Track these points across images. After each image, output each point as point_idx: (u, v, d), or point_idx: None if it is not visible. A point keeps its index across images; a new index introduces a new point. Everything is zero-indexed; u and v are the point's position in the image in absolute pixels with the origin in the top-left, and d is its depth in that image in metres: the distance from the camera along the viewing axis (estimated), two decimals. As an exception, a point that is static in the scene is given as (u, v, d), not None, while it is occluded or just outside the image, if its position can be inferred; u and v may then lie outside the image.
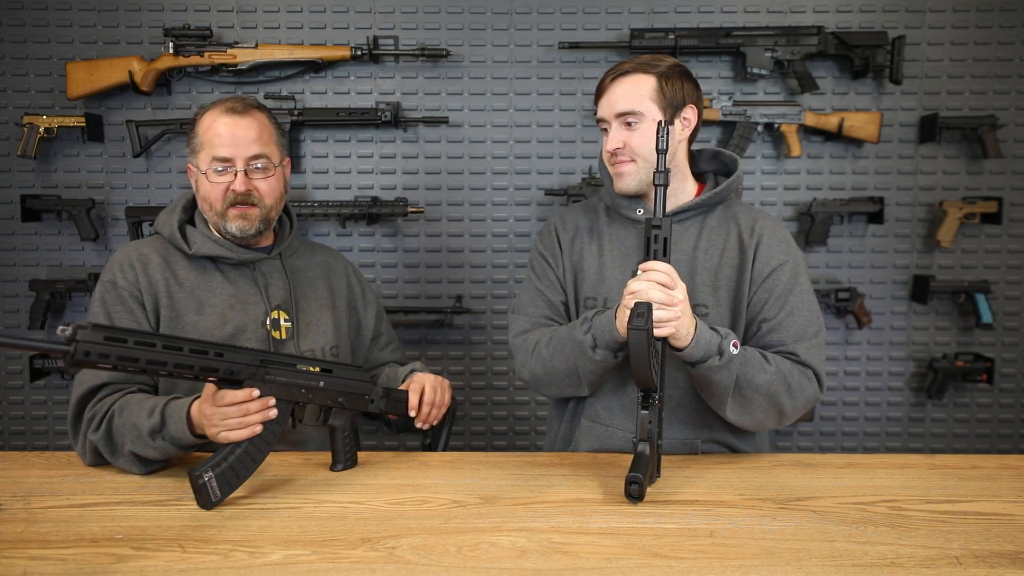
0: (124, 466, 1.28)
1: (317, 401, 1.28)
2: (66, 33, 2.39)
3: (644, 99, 1.39)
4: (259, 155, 1.43)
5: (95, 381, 1.33)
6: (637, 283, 1.21)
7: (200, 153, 1.43)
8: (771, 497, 1.21)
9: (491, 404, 2.55)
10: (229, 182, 1.41)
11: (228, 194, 1.42)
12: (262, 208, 1.45)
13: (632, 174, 1.43)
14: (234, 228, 1.43)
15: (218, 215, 1.43)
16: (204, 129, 1.43)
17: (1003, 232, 2.48)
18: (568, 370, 1.40)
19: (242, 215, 1.43)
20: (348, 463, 1.34)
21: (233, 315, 1.44)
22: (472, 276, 2.50)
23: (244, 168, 1.41)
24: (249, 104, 1.45)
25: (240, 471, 1.18)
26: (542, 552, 1.02)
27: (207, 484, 1.14)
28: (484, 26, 2.41)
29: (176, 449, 1.24)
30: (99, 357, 1.00)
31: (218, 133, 1.41)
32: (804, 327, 1.39)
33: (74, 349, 0.98)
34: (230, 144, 1.40)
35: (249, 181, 1.42)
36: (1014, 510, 1.16)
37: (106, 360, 1.01)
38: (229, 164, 1.41)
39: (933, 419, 2.55)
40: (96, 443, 1.29)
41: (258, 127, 1.43)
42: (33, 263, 2.46)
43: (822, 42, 2.35)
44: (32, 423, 2.51)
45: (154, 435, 1.22)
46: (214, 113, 1.43)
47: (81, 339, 0.98)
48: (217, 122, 1.42)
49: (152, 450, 1.24)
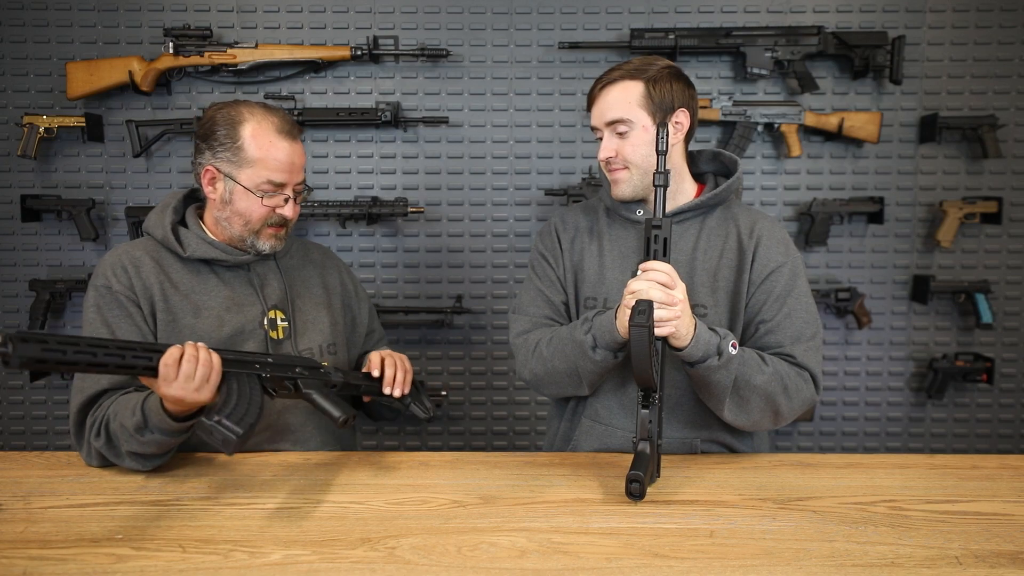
0: (130, 466, 1.29)
1: (276, 373, 1.26)
2: (66, 33, 2.39)
3: (633, 106, 1.39)
4: (303, 181, 1.45)
5: (95, 388, 1.33)
6: (637, 283, 1.22)
7: (248, 170, 1.38)
8: (771, 497, 1.21)
9: (491, 404, 2.55)
10: (276, 206, 1.41)
11: (271, 216, 1.42)
12: (289, 228, 1.48)
13: (627, 181, 1.43)
14: (267, 246, 1.44)
15: (252, 232, 1.43)
16: (258, 146, 1.38)
17: (1003, 232, 2.48)
18: (568, 370, 1.40)
19: (276, 235, 1.45)
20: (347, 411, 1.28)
21: (230, 317, 1.43)
22: (472, 276, 2.50)
23: (293, 195, 1.43)
24: (295, 125, 1.44)
25: (247, 408, 1.18)
26: (542, 552, 1.02)
27: (220, 423, 1.13)
28: (484, 26, 2.41)
29: (167, 438, 1.24)
30: (37, 363, 0.99)
31: (278, 159, 1.39)
32: (801, 329, 1.40)
33: (13, 349, 0.96)
34: (288, 171, 1.40)
35: (297, 208, 1.45)
36: (1014, 510, 1.16)
37: (44, 365, 1.00)
38: (281, 190, 1.41)
39: (933, 419, 2.55)
40: (100, 449, 1.29)
41: (304, 153, 1.45)
42: (33, 263, 2.46)
43: (822, 42, 2.35)
44: (32, 423, 2.51)
45: (141, 431, 1.23)
46: (266, 130, 1.39)
47: (20, 352, 0.96)
48: (276, 146, 1.39)
49: (145, 445, 1.24)
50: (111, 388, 1.33)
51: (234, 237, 1.44)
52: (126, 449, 1.26)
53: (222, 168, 1.40)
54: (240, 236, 1.43)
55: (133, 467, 1.29)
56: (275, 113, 1.42)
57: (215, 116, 1.41)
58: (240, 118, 1.39)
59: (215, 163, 1.40)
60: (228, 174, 1.39)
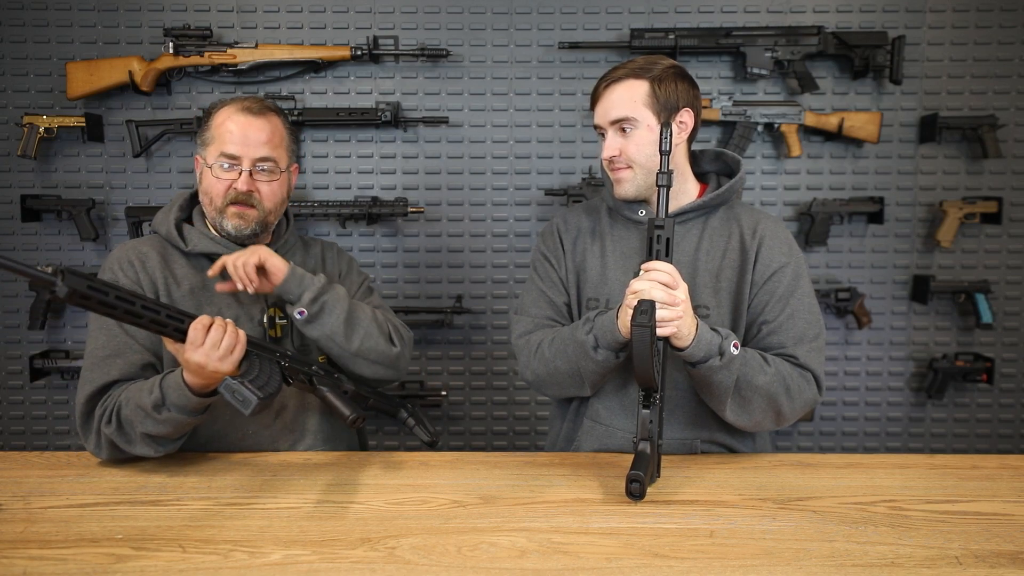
0: (141, 452, 1.30)
1: (293, 365, 1.31)
2: (66, 33, 2.39)
3: (637, 105, 1.39)
4: (266, 158, 1.43)
5: (104, 379, 1.34)
6: (639, 283, 1.22)
7: (209, 146, 1.43)
8: (771, 497, 1.21)
9: (491, 404, 2.55)
10: (233, 180, 1.42)
11: (229, 191, 1.42)
12: (260, 211, 1.44)
13: (630, 180, 1.43)
14: (230, 226, 1.44)
15: (217, 211, 1.44)
16: (217, 124, 1.43)
17: (1003, 232, 2.48)
18: (570, 370, 1.40)
19: (240, 214, 1.43)
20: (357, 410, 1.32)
21: (231, 313, 1.44)
22: (472, 276, 2.50)
23: (250, 168, 1.42)
24: (266, 106, 1.46)
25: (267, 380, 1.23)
26: (542, 552, 1.02)
27: (243, 385, 1.18)
28: (484, 26, 2.41)
29: (184, 416, 1.25)
30: (80, 299, 1.04)
31: (230, 130, 1.41)
32: (804, 330, 1.39)
33: (62, 279, 1.01)
34: (240, 143, 1.41)
35: (252, 182, 1.43)
36: (1014, 510, 1.16)
37: (87, 301, 1.05)
38: (236, 162, 1.42)
39: (933, 419, 2.55)
40: (110, 436, 1.30)
41: (270, 130, 1.44)
42: (33, 263, 2.46)
43: (822, 42, 2.35)
44: (32, 423, 2.51)
45: (159, 408, 1.24)
46: (229, 109, 1.44)
47: (68, 282, 1.02)
48: (231, 119, 1.42)
49: (161, 425, 1.26)
50: (121, 379, 1.34)
51: (212, 223, 1.47)
52: (140, 431, 1.27)
53: (199, 153, 1.47)
54: (212, 219, 1.46)
55: (144, 452, 1.30)
56: (250, 98, 1.48)
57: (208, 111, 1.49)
58: (219, 108, 1.46)
59: (198, 151, 1.47)
60: (202, 157, 1.45)
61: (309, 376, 1.34)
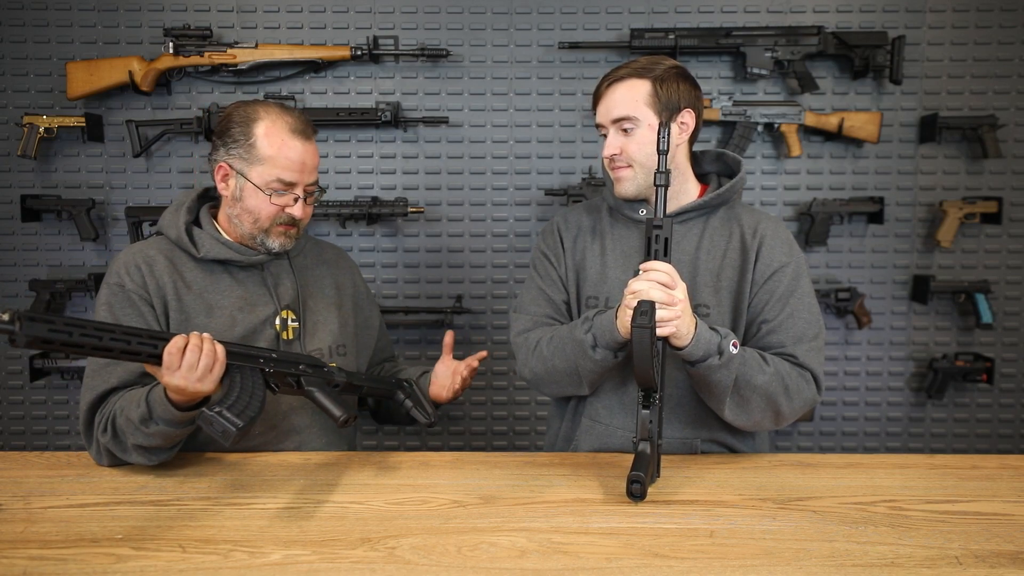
0: (136, 461, 1.29)
1: (279, 369, 1.28)
2: (66, 33, 2.38)
3: (639, 104, 1.39)
4: (315, 182, 1.45)
5: (104, 387, 1.33)
6: (638, 283, 1.22)
7: (259, 167, 1.39)
8: (771, 497, 1.21)
9: (491, 404, 2.55)
10: (286, 205, 1.41)
11: (280, 215, 1.42)
12: (301, 228, 1.47)
13: (630, 179, 1.43)
14: (276, 245, 1.44)
15: (262, 231, 1.43)
16: (269, 144, 1.38)
17: (1003, 232, 2.48)
18: (568, 369, 1.40)
19: (286, 233, 1.44)
20: (348, 410, 1.29)
21: (243, 317, 1.43)
22: (472, 276, 2.50)
23: (304, 196, 1.42)
24: (310, 125, 1.44)
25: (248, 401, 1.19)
26: (542, 552, 1.02)
27: (221, 414, 1.14)
28: (484, 26, 2.41)
29: (172, 429, 1.24)
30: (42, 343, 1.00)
31: (289, 157, 1.39)
32: (804, 329, 1.39)
33: (20, 327, 0.97)
34: (299, 171, 1.40)
35: (307, 208, 1.44)
36: (1014, 510, 1.16)
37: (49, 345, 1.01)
38: (290, 188, 1.41)
39: (933, 419, 2.55)
40: (107, 445, 1.30)
41: (317, 153, 1.44)
42: (33, 263, 2.46)
43: (822, 42, 2.35)
44: (32, 423, 2.51)
45: (146, 422, 1.23)
46: (280, 129, 1.39)
47: (26, 330, 0.97)
48: (288, 145, 1.39)
49: (151, 437, 1.24)
50: (120, 386, 1.34)
51: (244, 235, 1.44)
52: (132, 443, 1.26)
53: (234, 165, 1.41)
54: (250, 233, 1.43)
55: (139, 462, 1.29)
56: (291, 113, 1.43)
57: (232, 113, 1.42)
58: (255, 116, 1.40)
59: (228, 159, 1.41)
60: (240, 171, 1.40)
61: (296, 377, 1.30)
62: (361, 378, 1.46)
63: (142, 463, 1.30)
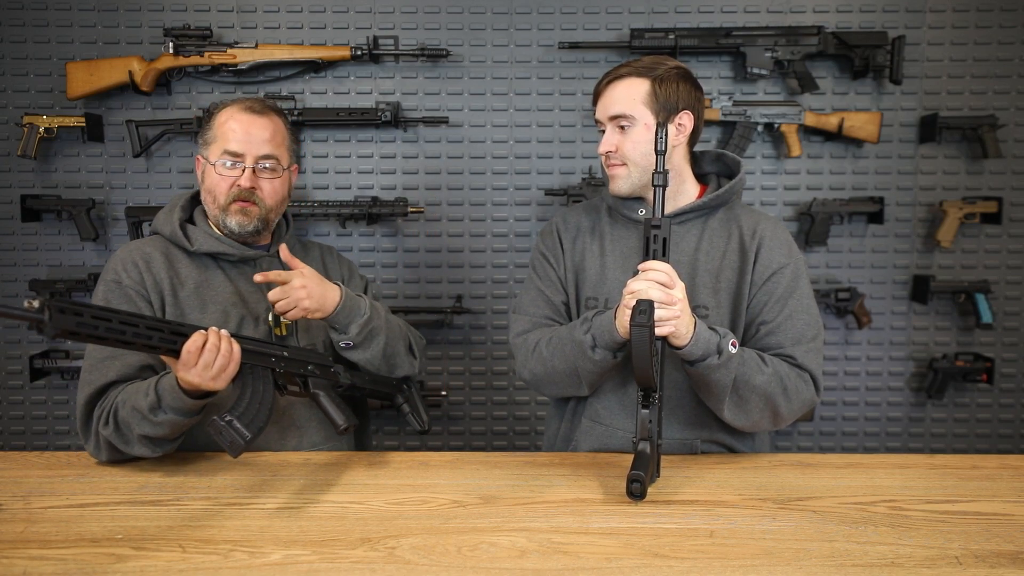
0: (139, 453, 1.30)
1: (289, 369, 1.32)
2: (66, 33, 2.39)
3: (637, 103, 1.39)
4: (269, 155, 1.45)
5: (103, 381, 1.34)
6: (636, 283, 1.22)
7: (212, 145, 1.45)
8: (771, 497, 1.21)
9: (491, 404, 2.55)
10: (236, 177, 1.44)
11: (233, 189, 1.44)
12: (262, 208, 1.46)
13: (624, 177, 1.43)
14: (233, 223, 1.45)
15: (220, 208, 1.45)
16: (220, 123, 1.45)
17: (1003, 232, 2.48)
18: (568, 370, 1.40)
19: (243, 211, 1.45)
20: (350, 419, 1.34)
21: (236, 312, 1.45)
22: (472, 276, 2.50)
23: (253, 166, 1.44)
24: (268, 106, 1.49)
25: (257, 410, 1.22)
26: (542, 552, 1.02)
27: (231, 424, 1.17)
28: (484, 26, 2.41)
29: (180, 417, 1.25)
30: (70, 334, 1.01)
31: (232, 128, 1.44)
32: (803, 330, 1.39)
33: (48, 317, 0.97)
34: (243, 140, 1.43)
35: (255, 179, 1.45)
36: (1014, 510, 1.16)
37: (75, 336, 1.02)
38: (239, 160, 1.44)
39: (933, 419, 2.55)
40: (108, 438, 1.30)
41: (272, 128, 1.46)
42: (33, 263, 2.46)
43: (822, 42, 2.35)
44: (32, 423, 2.51)
45: (155, 411, 1.25)
46: (232, 109, 1.46)
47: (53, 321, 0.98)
48: (233, 118, 1.45)
49: (158, 427, 1.25)
50: (119, 380, 1.35)
51: (215, 221, 1.48)
52: (138, 433, 1.27)
53: (200, 152, 1.49)
54: (215, 217, 1.47)
55: (143, 453, 1.30)
56: (252, 99, 1.50)
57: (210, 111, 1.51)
58: (221, 108, 1.48)
59: (200, 151, 1.49)
60: (204, 157, 1.47)
61: (304, 378, 1.34)
62: (364, 379, 1.50)
63: (145, 455, 1.30)
